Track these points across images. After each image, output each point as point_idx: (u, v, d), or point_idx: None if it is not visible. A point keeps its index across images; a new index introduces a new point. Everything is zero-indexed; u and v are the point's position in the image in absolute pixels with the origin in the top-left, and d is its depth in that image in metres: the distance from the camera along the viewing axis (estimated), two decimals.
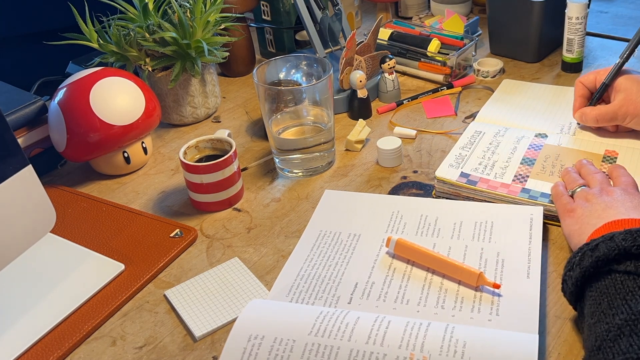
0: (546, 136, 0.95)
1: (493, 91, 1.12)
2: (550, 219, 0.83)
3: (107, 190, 0.99)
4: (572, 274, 0.65)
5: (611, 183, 0.80)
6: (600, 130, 0.96)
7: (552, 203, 0.82)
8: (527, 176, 0.88)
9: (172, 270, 0.82)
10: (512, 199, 0.85)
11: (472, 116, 1.06)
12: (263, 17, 1.28)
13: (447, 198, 0.89)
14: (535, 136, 0.96)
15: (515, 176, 0.88)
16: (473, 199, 0.87)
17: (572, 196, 0.80)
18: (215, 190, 0.90)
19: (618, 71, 0.93)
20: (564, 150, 0.92)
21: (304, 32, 1.20)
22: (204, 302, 0.76)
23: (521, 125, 1.01)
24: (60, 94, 0.96)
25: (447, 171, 0.89)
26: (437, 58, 1.16)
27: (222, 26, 1.10)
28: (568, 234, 0.76)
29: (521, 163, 0.90)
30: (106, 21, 1.05)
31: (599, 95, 0.95)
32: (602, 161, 0.89)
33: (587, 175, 0.82)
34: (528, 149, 0.93)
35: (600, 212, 0.73)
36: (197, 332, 0.73)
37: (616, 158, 0.90)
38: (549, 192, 0.84)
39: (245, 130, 1.10)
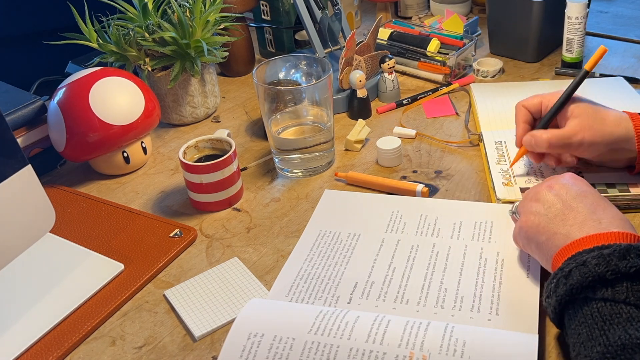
0: None
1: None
2: None
3: (106, 190, 0.99)
4: (550, 301, 0.63)
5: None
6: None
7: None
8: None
9: (171, 270, 0.82)
10: None
11: (477, 135, 1.00)
12: (262, 17, 1.28)
13: None
14: None
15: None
16: None
17: (515, 214, 0.77)
18: (215, 190, 0.90)
19: (570, 95, 0.83)
20: None
21: (304, 32, 1.21)
22: (203, 302, 0.76)
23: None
24: (59, 94, 0.96)
25: (506, 191, 0.86)
26: (436, 58, 1.16)
27: (222, 26, 1.10)
28: (536, 247, 0.71)
29: None
30: (106, 21, 1.05)
31: (548, 119, 0.85)
32: None
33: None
34: None
35: (560, 216, 0.68)
36: (197, 332, 0.73)
37: None
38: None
39: (244, 130, 1.10)
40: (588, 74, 0.83)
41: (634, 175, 0.84)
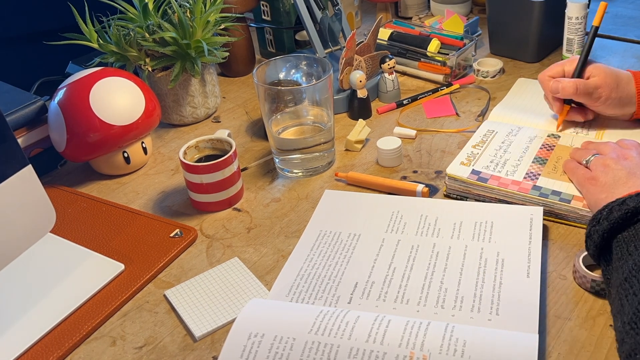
0: (559, 137, 0.95)
1: (486, 90, 1.12)
2: (556, 217, 0.83)
3: (107, 190, 0.99)
4: (599, 227, 0.69)
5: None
6: (613, 131, 0.96)
7: (563, 201, 0.82)
8: (539, 174, 0.87)
9: (172, 270, 0.82)
10: (523, 197, 0.84)
11: (482, 114, 1.06)
12: (263, 17, 1.28)
13: (457, 196, 0.89)
14: (548, 136, 0.95)
15: (526, 174, 0.87)
16: (483, 197, 0.87)
17: (587, 167, 0.83)
18: (215, 190, 0.90)
19: (587, 55, 0.96)
20: None
21: (304, 32, 1.21)
22: (204, 302, 0.76)
23: (534, 124, 1.00)
24: (60, 94, 0.96)
25: (458, 169, 0.89)
26: (437, 58, 1.16)
27: (222, 26, 1.10)
28: (594, 202, 0.78)
29: (533, 162, 0.90)
30: (106, 21, 1.05)
31: (578, 72, 0.95)
32: None
33: (597, 146, 0.86)
34: (540, 148, 0.92)
35: (624, 179, 0.76)
36: (197, 332, 0.73)
37: None
38: (561, 190, 0.84)
39: (245, 130, 1.10)
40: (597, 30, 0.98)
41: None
